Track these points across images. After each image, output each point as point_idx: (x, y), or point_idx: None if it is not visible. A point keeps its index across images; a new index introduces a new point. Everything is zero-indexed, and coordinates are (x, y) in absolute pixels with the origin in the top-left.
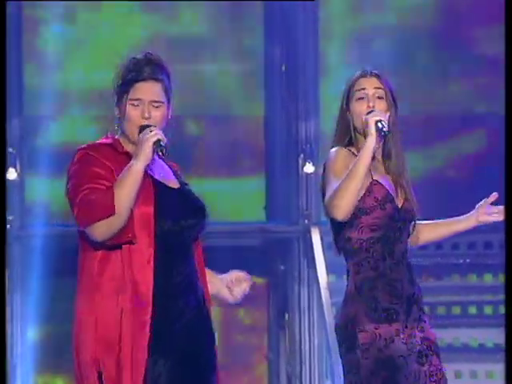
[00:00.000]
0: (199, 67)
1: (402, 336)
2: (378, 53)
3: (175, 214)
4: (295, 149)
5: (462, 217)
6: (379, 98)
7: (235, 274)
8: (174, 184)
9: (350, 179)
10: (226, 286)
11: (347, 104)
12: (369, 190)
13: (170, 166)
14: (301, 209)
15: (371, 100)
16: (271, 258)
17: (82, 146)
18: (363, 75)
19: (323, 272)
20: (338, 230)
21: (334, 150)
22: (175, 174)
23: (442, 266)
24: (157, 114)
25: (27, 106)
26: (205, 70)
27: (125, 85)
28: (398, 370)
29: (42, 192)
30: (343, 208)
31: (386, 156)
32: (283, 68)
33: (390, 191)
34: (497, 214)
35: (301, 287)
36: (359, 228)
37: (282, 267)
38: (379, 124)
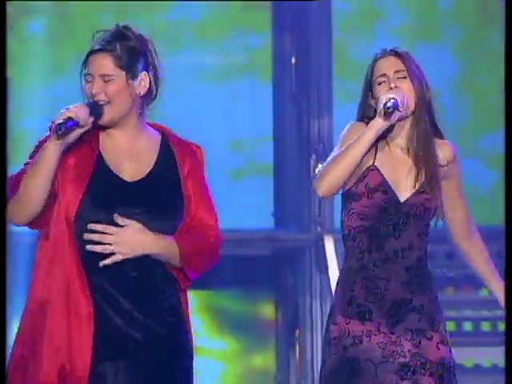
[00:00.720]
0: (201, 59)
1: (374, 339)
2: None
3: (112, 207)
4: (306, 149)
5: (501, 283)
6: (402, 78)
7: None
8: (134, 174)
9: (342, 155)
10: None
11: (370, 89)
12: (364, 175)
13: (175, 149)
14: (313, 215)
15: (392, 81)
16: (280, 268)
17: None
18: (382, 56)
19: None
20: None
21: (349, 123)
22: (161, 160)
23: (470, 277)
24: (108, 89)
25: (13, 104)
26: (208, 63)
27: (84, 58)
28: (362, 375)
29: None
30: (324, 183)
31: (409, 138)
32: (293, 60)
33: (389, 180)
34: None
35: (313, 300)
36: (350, 214)
37: (292, 279)
38: (386, 100)
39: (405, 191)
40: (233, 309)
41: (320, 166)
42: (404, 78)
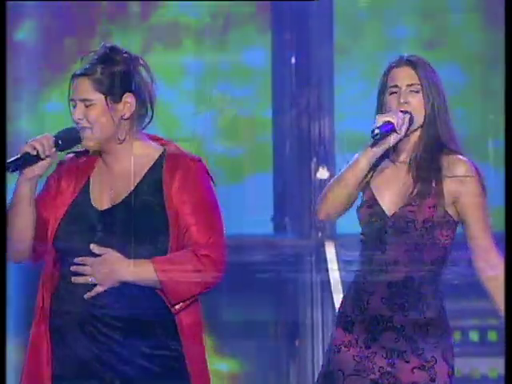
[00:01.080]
0: (201, 59)
1: (352, 351)
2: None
3: (85, 236)
4: (307, 151)
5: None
6: (415, 91)
7: None
8: (112, 200)
9: (336, 181)
10: None
11: (383, 97)
12: (361, 191)
13: (167, 164)
14: (313, 220)
15: (403, 94)
16: (279, 275)
17: None
18: (397, 65)
19: (339, 292)
20: None
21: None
22: (145, 181)
23: (476, 285)
24: (89, 114)
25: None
26: (208, 62)
27: (69, 83)
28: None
29: None
30: (321, 209)
31: (413, 151)
32: (293, 60)
33: (378, 194)
34: None
35: (313, 309)
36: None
37: (292, 286)
38: (377, 125)
39: (394, 205)
40: (230, 317)
41: (321, 168)
42: (417, 91)
